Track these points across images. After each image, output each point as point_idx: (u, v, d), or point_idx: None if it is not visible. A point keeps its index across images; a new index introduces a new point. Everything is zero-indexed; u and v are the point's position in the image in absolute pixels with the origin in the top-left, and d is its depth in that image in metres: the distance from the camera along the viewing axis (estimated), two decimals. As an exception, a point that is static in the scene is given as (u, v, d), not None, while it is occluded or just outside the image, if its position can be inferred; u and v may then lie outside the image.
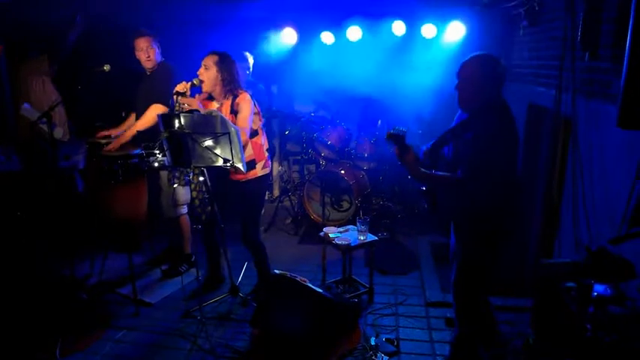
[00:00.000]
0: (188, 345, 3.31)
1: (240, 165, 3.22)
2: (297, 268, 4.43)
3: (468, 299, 2.91)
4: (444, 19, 5.43)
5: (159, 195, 4.21)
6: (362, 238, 3.80)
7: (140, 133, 3.88)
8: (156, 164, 3.58)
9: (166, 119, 3.18)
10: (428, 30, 5.52)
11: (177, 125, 3.13)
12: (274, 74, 6.33)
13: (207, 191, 3.49)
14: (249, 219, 3.73)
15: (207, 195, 3.52)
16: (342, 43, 5.91)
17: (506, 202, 2.70)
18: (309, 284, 3.24)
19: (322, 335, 3.10)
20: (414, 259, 4.70)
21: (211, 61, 3.44)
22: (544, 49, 3.85)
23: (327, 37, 5.92)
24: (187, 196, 4.08)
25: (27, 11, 4.56)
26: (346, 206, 5.54)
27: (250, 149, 3.55)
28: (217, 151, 3.18)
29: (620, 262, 1.91)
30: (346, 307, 3.37)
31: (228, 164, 3.17)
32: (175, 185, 3.76)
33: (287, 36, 5.95)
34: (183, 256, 4.38)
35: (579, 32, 2.88)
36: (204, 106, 3.47)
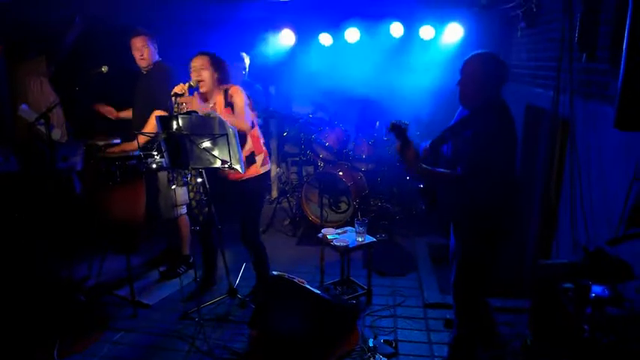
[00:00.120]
0: (186, 347, 3.31)
1: (238, 166, 3.22)
2: (296, 269, 4.43)
3: (468, 299, 2.91)
4: (442, 21, 5.44)
5: (157, 196, 4.20)
6: (360, 239, 3.80)
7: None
8: (154, 165, 3.58)
9: (164, 121, 3.18)
10: (426, 31, 5.53)
11: (175, 127, 3.13)
12: (272, 75, 6.33)
13: (205, 192, 3.49)
14: (249, 219, 3.72)
15: (205, 196, 3.51)
16: (340, 44, 5.92)
17: (506, 201, 2.71)
18: (308, 285, 3.24)
19: (320, 337, 3.10)
20: (412, 260, 4.70)
21: (205, 62, 3.46)
22: (542, 50, 3.86)
23: (325, 39, 5.92)
24: (186, 197, 4.07)
25: (25, 12, 4.56)
26: (344, 208, 5.54)
27: (250, 142, 3.56)
28: (215, 153, 3.18)
29: (618, 263, 1.91)
30: (344, 309, 3.37)
31: (226, 165, 3.17)
32: (173, 187, 3.76)
33: (285, 37, 5.96)
34: (181, 258, 4.37)
35: (577, 34, 2.89)
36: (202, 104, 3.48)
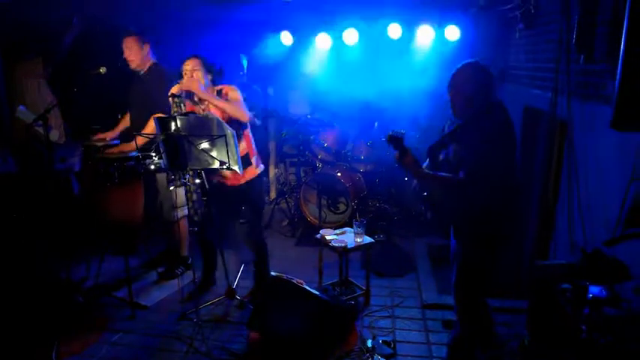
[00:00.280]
0: (184, 348, 3.30)
1: (236, 167, 3.22)
2: (294, 270, 4.41)
3: (468, 301, 2.92)
4: (441, 22, 5.44)
5: (156, 197, 4.20)
6: (358, 240, 3.80)
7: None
8: (152, 167, 3.57)
9: (163, 122, 3.18)
10: (424, 33, 5.53)
11: (173, 128, 3.13)
12: (271, 76, 6.33)
13: (204, 194, 3.49)
14: (254, 219, 3.77)
15: (205, 197, 3.51)
16: (339, 45, 5.92)
17: (505, 205, 2.72)
18: (306, 286, 3.24)
19: (319, 337, 3.10)
20: (410, 261, 4.70)
21: (197, 64, 3.47)
22: (540, 51, 3.87)
23: (323, 40, 5.92)
24: (185, 198, 4.07)
25: (22, 12, 4.55)
26: (343, 208, 5.54)
27: (244, 142, 3.57)
28: (214, 154, 3.18)
29: (615, 263, 1.92)
30: (343, 310, 3.37)
31: (225, 166, 3.17)
32: (172, 188, 3.75)
33: (284, 38, 5.96)
34: (179, 259, 4.36)
35: (574, 35, 2.90)
36: (192, 109, 3.50)
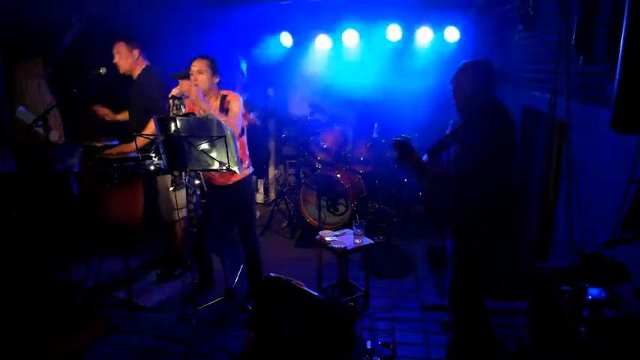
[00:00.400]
0: (183, 349, 3.30)
1: (235, 168, 3.23)
2: (293, 271, 4.38)
3: (466, 302, 2.92)
4: (440, 24, 5.45)
5: (156, 198, 4.20)
6: (358, 241, 3.80)
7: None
8: (152, 167, 3.57)
9: (162, 123, 3.18)
10: (424, 34, 5.54)
11: (173, 128, 3.13)
12: (271, 77, 6.34)
13: (203, 195, 3.49)
14: (246, 216, 3.79)
15: (203, 198, 3.51)
16: (339, 46, 5.92)
17: (504, 205, 2.74)
18: (305, 287, 3.24)
19: (318, 339, 3.10)
20: (410, 262, 4.70)
21: (204, 65, 3.48)
22: (539, 52, 3.86)
23: (323, 41, 5.93)
24: (184, 200, 4.07)
25: (22, 12, 4.55)
26: (342, 210, 5.54)
27: (238, 147, 3.57)
28: (213, 155, 3.18)
29: (615, 265, 1.92)
30: (342, 311, 3.37)
31: (224, 167, 3.18)
32: (171, 188, 3.76)
33: (283, 39, 5.96)
34: (178, 260, 4.37)
35: (573, 36, 2.90)
36: (192, 109, 3.49)
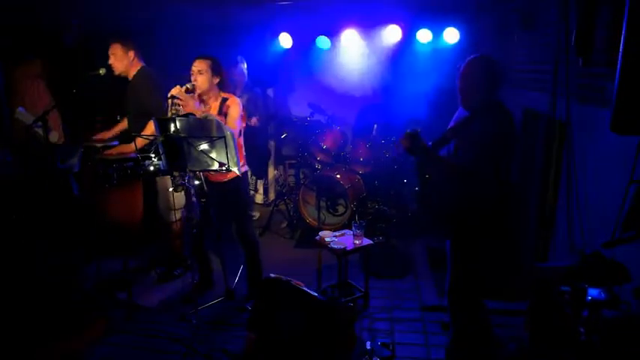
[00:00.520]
0: (183, 349, 3.30)
1: (235, 169, 3.23)
2: (293, 271, 4.38)
3: (465, 302, 2.93)
4: (440, 24, 5.46)
5: (155, 198, 4.20)
6: (357, 242, 3.80)
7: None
8: (151, 168, 3.57)
9: (162, 123, 3.18)
10: (423, 35, 5.54)
11: (172, 129, 3.13)
12: (271, 78, 6.34)
13: (203, 195, 3.49)
14: (241, 214, 3.78)
15: (203, 198, 3.51)
16: (338, 47, 5.93)
17: (504, 204, 2.75)
18: (305, 288, 3.24)
19: (318, 339, 3.10)
20: (409, 263, 4.70)
21: (205, 66, 3.46)
22: (538, 54, 3.87)
23: (323, 42, 5.93)
24: (184, 200, 4.07)
25: (22, 13, 4.55)
26: (342, 210, 5.54)
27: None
28: (213, 155, 3.18)
29: (614, 265, 1.92)
30: (341, 311, 3.37)
31: (224, 168, 3.18)
32: (171, 189, 3.75)
33: (283, 40, 5.97)
34: (178, 260, 4.37)
35: (573, 37, 2.90)
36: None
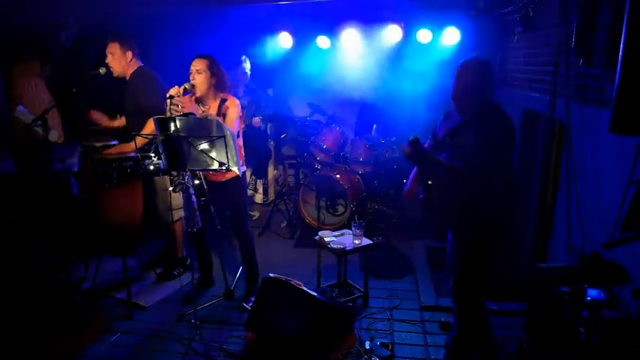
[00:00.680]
0: (182, 348, 3.30)
1: (235, 168, 3.23)
2: (293, 271, 4.41)
3: (468, 301, 2.94)
4: (440, 25, 5.45)
5: (154, 198, 4.19)
6: (357, 242, 3.80)
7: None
8: (151, 167, 3.57)
9: (162, 123, 3.17)
10: (423, 35, 5.54)
11: (172, 129, 3.13)
12: (270, 78, 6.33)
13: (203, 194, 3.49)
14: (242, 212, 3.81)
15: (203, 197, 3.51)
16: (338, 47, 5.92)
17: (505, 202, 2.77)
18: (304, 288, 3.24)
19: (317, 339, 3.10)
20: (408, 263, 4.70)
21: (203, 65, 3.46)
22: (538, 54, 3.87)
23: (322, 42, 5.93)
24: (183, 200, 4.07)
25: (20, 12, 4.54)
26: (341, 210, 5.54)
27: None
28: (213, 155, 3.18)
29: (614, 266, 1.93)
30: (341, 311, 3.38)
31: (224, 167, 3.18)
32: (170, 189, 3.75)
33: (283, 40, 5.96)
34: (177, 260, 4.37)
35: (573, 38, 2.91)
36: (190, 108, 3.49)
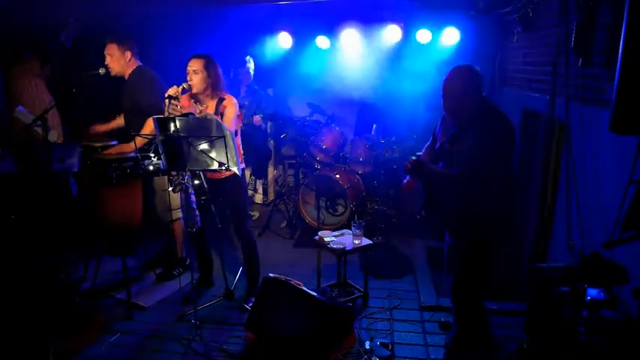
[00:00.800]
0: (182, 349, 3.30)
1: (235, 168, 3.23)
2: (292, 271, 4.42)
3: (468, 301, 2.94)
4: (439, 25, 5.46)
5: (152, 198, 4.20)
6: (357, 242, 3.80)
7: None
8: (151, 167, 3.57)
9: (162, 123, 3.17)
10: (423, 35, 5.54)
11: (172, 129, 3.13)
12: (270, 78, 6.34)
13: (203, 194, 3.49)
14: (239, 211, 3.81)
15: (203, 196, 3.51)
16: (338, 47, 5.93)
17: (505, 204, 2.77)
18: (304, 288, 3.24)
19: (317, 339, 3.10)
20: (408, 263, 4.70)
21: (200, 65, 3.47)
22: (538, 54, 3.88)
23: (322, 42, 5.93)
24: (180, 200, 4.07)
25: (20, 12, 4.54)
26: (341, 210, 5.54)
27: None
28: (213, 155, 3.18)
29: (613, 266, 1.93)
30: (341, 311, 3.38)
31: (224, 167, 3.18)
32: (170, 189, 3.75)
33: (282, 40, 5.96)
34: (177, 260, 4.37)
35: (573, 38, 2.91)
36: (188, 108, 3.50)
